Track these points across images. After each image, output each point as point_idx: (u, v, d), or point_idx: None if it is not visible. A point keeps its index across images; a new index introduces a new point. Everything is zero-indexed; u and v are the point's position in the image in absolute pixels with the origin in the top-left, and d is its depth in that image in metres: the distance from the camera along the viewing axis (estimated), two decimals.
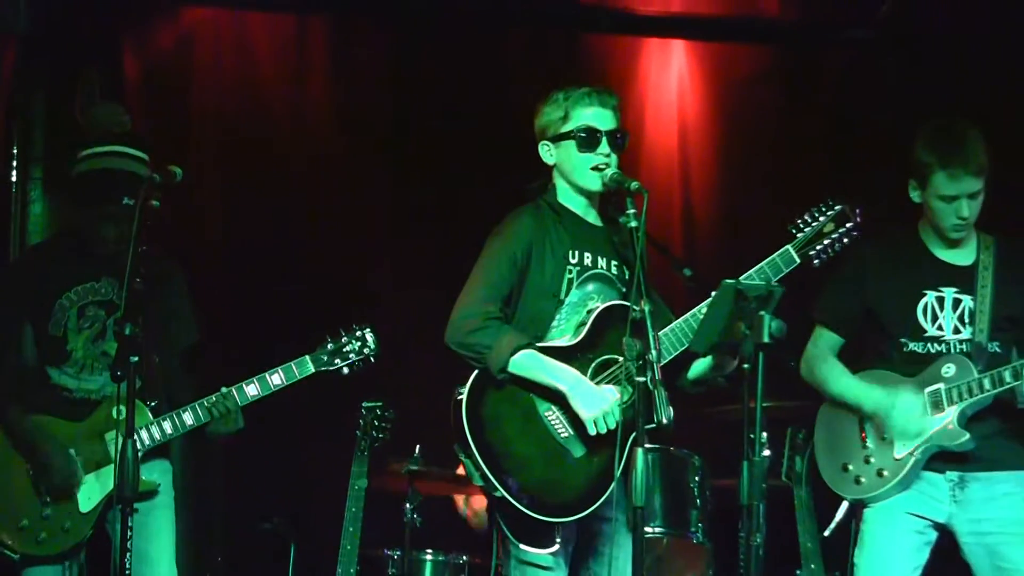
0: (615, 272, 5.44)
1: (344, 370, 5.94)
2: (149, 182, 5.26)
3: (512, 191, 5.57)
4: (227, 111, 8.89)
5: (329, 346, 5.91)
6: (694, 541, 7.10)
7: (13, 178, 7.93)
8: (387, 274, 8.56)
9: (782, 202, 5.64)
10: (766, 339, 4.79)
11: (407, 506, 7.32)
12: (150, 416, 5.76)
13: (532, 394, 5.23)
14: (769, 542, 5.54)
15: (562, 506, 5.18)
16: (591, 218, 5.49)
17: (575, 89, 5.42)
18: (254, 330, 8.21)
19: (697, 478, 7.15)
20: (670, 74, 9.15)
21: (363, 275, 8.59)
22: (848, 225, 5.35)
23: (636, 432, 4.87)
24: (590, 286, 5.38)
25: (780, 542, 6.37)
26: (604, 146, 5.35)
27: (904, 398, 5.59)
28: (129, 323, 5.11)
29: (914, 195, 5.67)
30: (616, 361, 5.27)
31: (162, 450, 5.95)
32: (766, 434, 5.05)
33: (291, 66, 9.01)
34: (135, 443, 5.07)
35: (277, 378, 5.82)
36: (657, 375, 4.80)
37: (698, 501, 7.11)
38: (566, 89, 5.44)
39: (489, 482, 5.12)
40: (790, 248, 5.32)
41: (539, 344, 5.26)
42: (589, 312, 5.31)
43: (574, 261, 5.37)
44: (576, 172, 5.39)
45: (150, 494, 5.77)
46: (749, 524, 4.86)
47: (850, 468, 5.72)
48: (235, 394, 5.78)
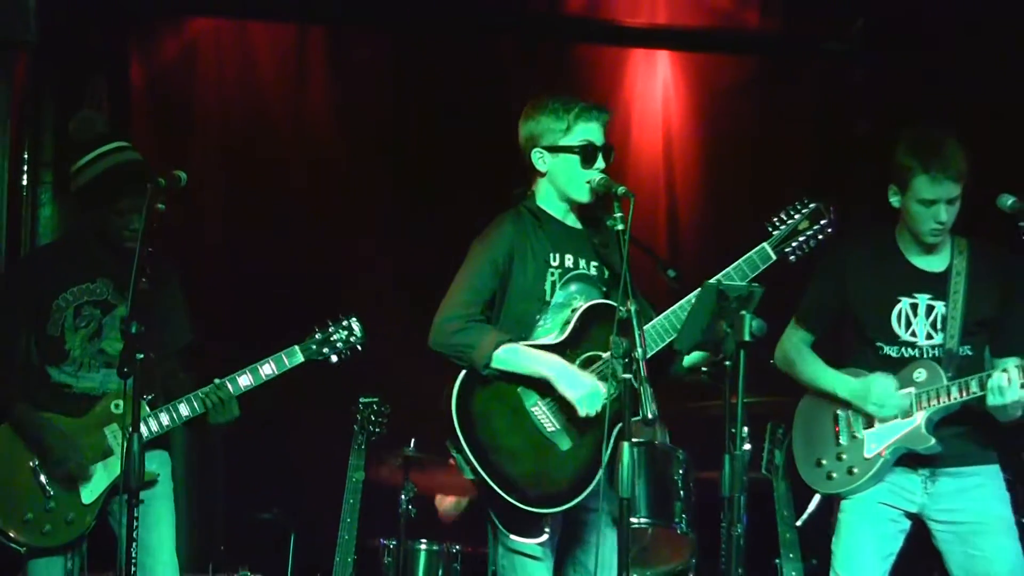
0: (595, 272, 5.42)
1: (333, 358, 5.92)
2: (155, 186, 5.25)
3: (503, 194, 5.56)
4: (229, 117, 8.90)
5: (317, 335, 5.90)
6: (678, 531, 7.09)
7: (24, 182, 7.92)
8: (385, 273, 8.55)
9: (762, 205, 5.61)
10: (747, 337, 4.78)
11: (402, 497, 7.33)
12: (147, 410, 5.73)
13: (519, 390, 5.21)
14: (749, 532, 5.55)
15: (550, 497, 5.16)
16: (570, 221, 5.46)
17: (574, 102, 5.37)
18: (255, 327, 8.19)
19: (681, 471, 7.14)
20: (655, 83, 9.15)
21: (361, 274, 8.59)
22: (822, 222, 5.34)
23: (623, 426, 4.86)
24: (573, 286, 5.35)
25: (760, 532, 6.39)
26: (600, 161, 5.34)
27: (878, 380, 5.57)
28: (135, 322, 5.11)
29: (894, 200, 5.64)
30: (600, 357, 5.26)
31: (161, 442, 5.93)
32: (747, 429, 5.05)
33: (291, 73, 9.01)
34: (140, 437, 5.07)
35: (268, 368, 5.80)
36: (643, 372, 4.80)
37: (682, 493, 7.10)
38: (564, 101, 5.38)
39: (479, 476, 5.11)
40: (766, 245, 5.31)
41: (525, 342, 5.24)
42: (573, 311, 5.29)
43: (555, 264, 5.34)
44: (571, 184, 5.35)
45: (150, 484, 5.74)
46: (730, 515, 4.86)
47: (823, 464, 5.71)
48: (228, 385, 5.75)
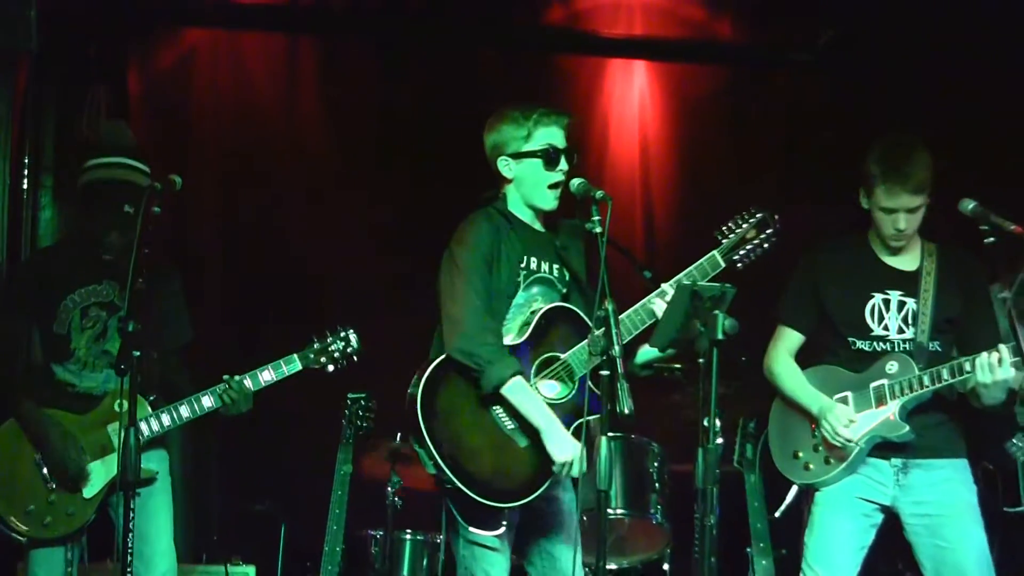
0: (556, 275, 5.42)
1: (329, 368, 5.95)
2: (151, 190, 5.25)
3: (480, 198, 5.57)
4: (224, 123, 8.89)
5: (316, 345, 5.92)
6: (653, 522, 7.11)
7: (25, 185, 7.89)
8: (373, 274, 8.54)
9: (733, 207, 5.62)
10: (720, 336, 4.78)
11: (388, 490, 7.34)
12: (149, 409, 5.73)
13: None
14: (722, 523, 5.54)
15: (509, 492, 5.16)
16: (537, 226, 5.46)
17: (532, 109, 5.37)
18: (249, 325, 8.19)
19: (656, 464, 7.16)
20: (632, 91, 9.15)
21: (350, 275, 8.58)
22: (768, 231, 5.37)
23: (601, 421, 4.86)
24: (534, 288, 5.36)
25: (732, 523, 6.38)
26: (563, 163, 5.34)
27: (840, 409, 5.60)
28: (132, 321, 5.11)
29: (863, 202, 5.67)
30: (557, 359, 5.27)
31: (160, 440, 5.92)
32: (720, 423, 5.05)
33: (283, 82, 9.00)
34: (137, 432, 5.08)
35: (267, 374, 5.83)
36: (620, 369, 4.80)
37: (657, 485, 7.12)
38: (523, 109, 5.38)
39: (441, 470, 5.09)
40: (716, 253, 5.35)
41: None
42: (533, 313, 5.30)
43: (524, 265, 5.35)
44: (535, 190, 5.36)
45: (149, 481, 5.73)
46: (704, 506, 4.86)
47: (800, 455, 5.72)
48: (246, 381, 5.78)
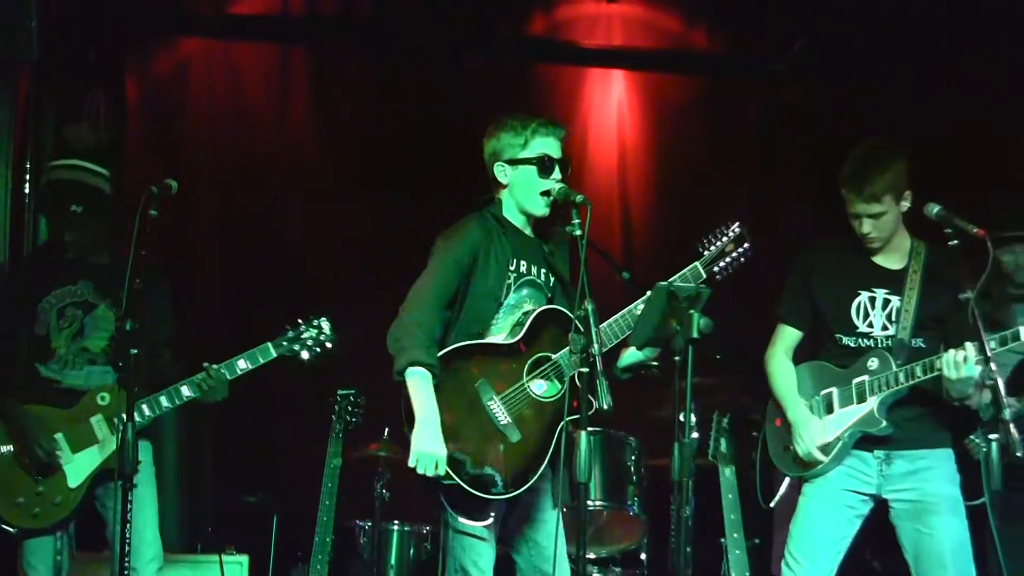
0: (543, 279, 5.45)
1: (304, 355, 5.95)
2: (148, 193, 5.25)
3: (469, 202, 5.57)
4: (218, 129, 8.88)
5: (289, 333, 5.93)
6: (631, 513, 7.11)
7: (26, 189, 7.87)
8: (362, 274, 8.54)
9: (709, 213, 5.66)
10: (695, 334, 4.80)
11: (376, 482, 7.33)
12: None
13: (477, 385, 5.22)
14: (697, 514, 5.55)
15: (500, 485, 5.18)
16: (528, 231, 5.48)
17: (531, 119, 5.41)
18: (242, 322, 8.18)
19: (634, 457, 7.16)
20: (611, 100, 9.15)
21: (341, 275, 8.58)
22: (745, 245, 5.40)
23: (580, 417, 4.87)
24: (524, 291, 5.38)
25: (707, 514, 6.39)
26: (557, 172, 5.36)
27: (812, 426, 5.64)
28: (129, 319, 5.11)
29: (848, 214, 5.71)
30: (548, 359, 5.29)
31: (144, 431, 5.90)
32: (695, 418, 5.06)
33: (275, 90, 9.00)
34: (134, 426, 5.08)
35: (243, 363, 5.85)
36: (599, 366, 4.81)
37: (634, 478, 7.12)
38: (522, 118, 5.42)
39: None
40: (698, 264, 5.37)
41: (479, 341, 5.28)
42: (525, 314, 5.33)
43: (513, 268, 5.37)
44: (528, 195, 5.39)
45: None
46: (680, 498, 4.87)
47: (791, 449, 5.72)
48: (224, 371, 5.79)
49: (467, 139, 5.70)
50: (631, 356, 5.42)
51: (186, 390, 5.77)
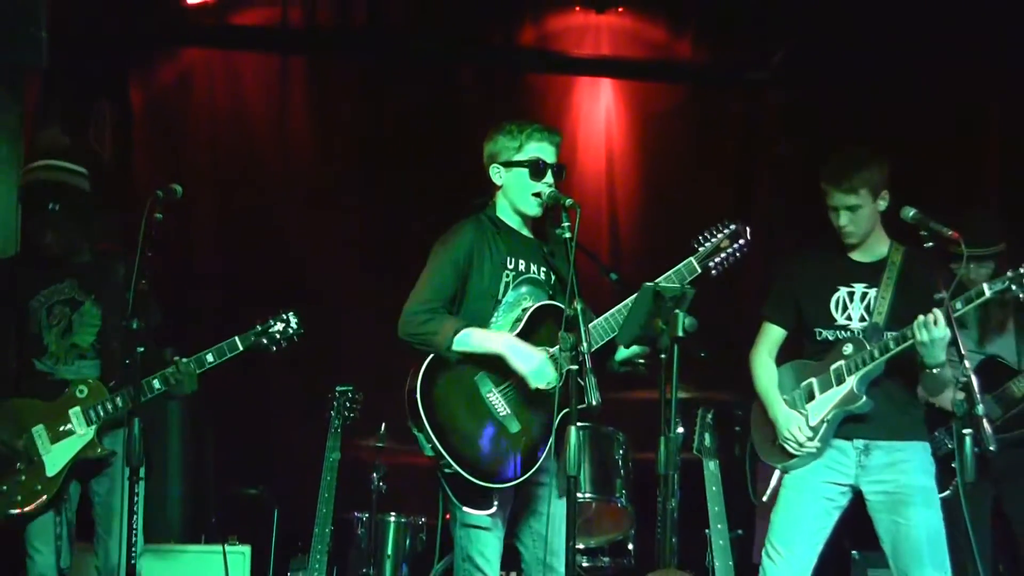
0: (543, 277, 5.45)
1: (272, 348, 5.92)
2: (153, 197, 5.26)
3: (462, 202, 5.58)
4: (219, 136, 8.88)
5: (257, 327, 5.90)
6: (618, 505, 7.12)
7: None
8: (359, 274, 8.55)
9: (694, 215, 5.69)
10: (680, 333, 4.81)
11: (374, 475, 7.33)
12: (107, 393, 5.78)
13: (476, 378, 5.24)
14: (682, 506, 5.57)
15: (500, 474, 5.19)
16: (525, 232, 5.49)
17: (528, 125, 5.42)
18: (242, 317, 8.17)
19: (621, 451, 7.16)
20: (599, 108, 9.16)
21: (338, 275, 8.59)
22: (741, 242, 5.38)
23: (569, 412, 4.88)
24: (523, 288, 5.39)
25: (692, 506, 6.41)
26: (549, 176, 5.37)
27: (793, 419, 5.65)
28: (135, 319, 5.13)
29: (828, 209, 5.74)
30: (546, 352, 5.27)
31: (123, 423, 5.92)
32: (680, 414, 5.07)
33: (274, 98, 8.99)
34: (140, 421, 5.11)
35: (210, 356, 5.82)
36: (588, 364, 4.82)
37: (622, 471, 7.12)
38: (519, 123, 5.43)
39: (439, 453, 5.12)
40: (693, 260, 5.36)
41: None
42: (524, 310, 5.33)
43: (510, 267, 5.37)
44: (520, 196, 5.39)
45: (107, 459, 5.81)
46: (665, 491, 4.89)
47: (778, 440, 5.72)
48: (189, 365, 5.77)
49: (460, 145, 5.72)
50: (627, 349, 5.43)
51: (156, 383, 5.76)
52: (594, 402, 4.81)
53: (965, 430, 4.90)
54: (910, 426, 5.65)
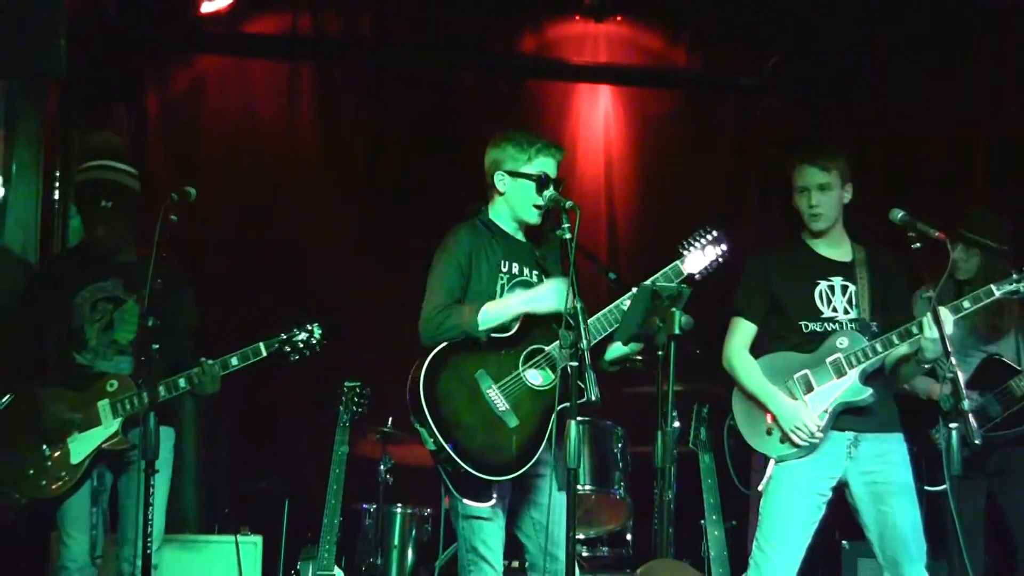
0: (535, 280, 5.46)
1: (294, 357, 5.92)
2: (168, 200, 5.28)
3: (463, 206, 5.60)
4: (231, 140, 8.88)
5: (282, 336, 5.90)
6: (617, 497, 7.12)
7: (56, 196, 7.88)
8: (365, 276, 8.55)
9: (689, 216, 5.69)
10: (676, 331, 4.82)
11: (381, 468, 7.36)
12: (135, 388, 5.78)
13: (476, 375, 5.25)
14: (678, 498, 5.58)
15: (499, 467, 5.20)
16: (519, 236, 5.51)
17: (537, 139, 5.43)
18: (252, 317, 8.19)
19: (619, 445, 7.17)
20: (598, 113, 9.16)
21: (344, 276, 8.59)
22: (723, 247, 5.47)
23: (569, 407, 4.89)
24: (517, 290, 5.40)
25: (687, 498, 6.42)
26: (551, 190, 5.38)
27: (802, 408, 5.60)
28: (152, 316, 5.14)
29: (795, 200, 5.73)
30: (542, 351, 5.32)
31: (168, 419, 5.94)
32: (676, 409, 5.08)
33: (284, 103, 8.99)
34: (156, 416, 5.14)
35: (235, 360, 5.83)
36: (588, 361, 4.83)
37: (620, 464, 7.13)
38: (528, 137, 5.44)
39: (441, 447, 5.14)
40: (679, 263, 5.43)
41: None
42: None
43: (505, 269, 5.40)
44: (522, 206, 5.42)
45: (129, 452, 5.80)
46: (662, 483, 4.92)
47: (774, 431, 5.67)
48: (217, 366, 5.78)
49: (462, 149, 5.71)
50: (616, 350, 5.43)
51: (182, 382, 5.78)
52: (593, 398, 4.81)
53: (952, 424, 4.91)
54: (892, 419, 5.66)
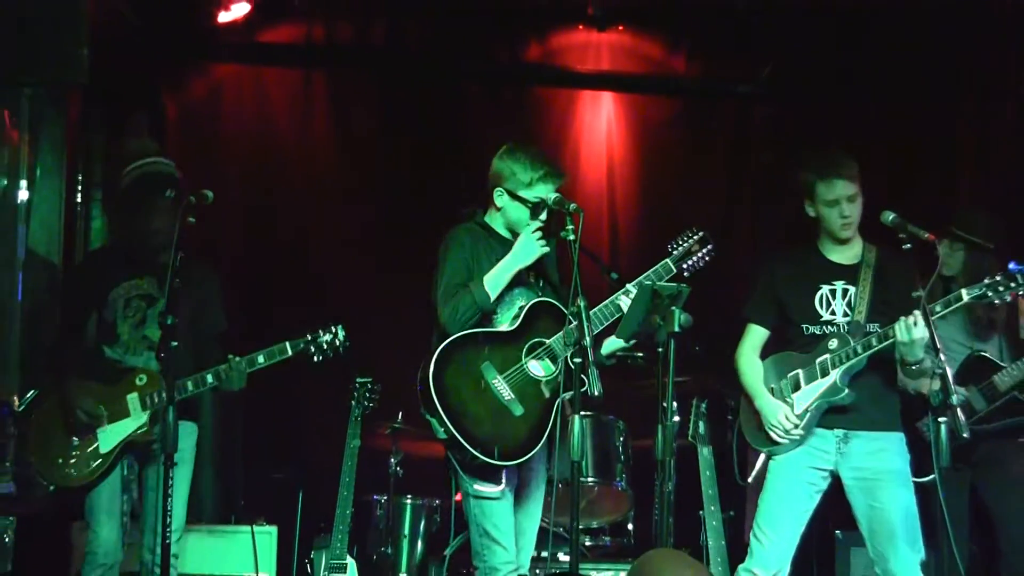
0: (532, 280, 5.54)
1: (317, 357, 5.90)
2: (186, 202, 5.27)
3: (460, 210, 5.63)
4: (247, 146, 8.90)
5: (307, 336, 5.87)
6: (619, 488, 7.13)
7: (78, 199, 7.90)
8: (376, 276, 8.55)
9: (688, 219, 5.69)
10: (676, 329, 4.83)
11: (391, 460, 7.36)
12: (162, 384, 5.74)
13: (483, 367, 5.30)
14: (678, 489, 5.57)
15: (506, 453, 5.26)
16: (513, 240, 5.55)
17: (542, 165, 5.43)
18: (268, 316, 8.20)
19: (621, 438, 7.17)
20: (600, 119, 9.15)
21: (356, 277, 8.59)
22: (708, 247, 5.55)
23: (575, 403, 4.91)
24: (516, 290, 5.47)
25: (687, 489, 6.41)
26: (544, 215, 5.45)
27: (779, 407, 5.63)
28: (170, 315, 5.15)
29: (809, 211, 5.68)
30: (543, 344, 5.38)
31: (192, 414, 5.95)
32: (676, 404, 5.08)
33: (298, 111, 9.01)
34: (175, 409, 5.13)
35: (261, 358, 5.80)
36: (591, 357, 4.84)
37: (622, 456, 7.14)
38: (534, 160, 5.44)
39: (452, 435, 5.20)
40: (668, 261, 5.51)
41: (483, 329, 5.36)
42: (521, 308, 5.42)
43: None
44: (516, 224, 5.48)
45: (153, 443, 5.75)
46: (662, 475, 4.89)
47: (763, 427, 5.70)
48: (243, 362, 5.76)
49: (470, 153, 5.72)
50: (612, 344, 5.49)
51: (209, 378, 5.78)
52: (595, 392, 4.85)
53: (940, 419, 4.91)
54: (886, 418, 5.63)
